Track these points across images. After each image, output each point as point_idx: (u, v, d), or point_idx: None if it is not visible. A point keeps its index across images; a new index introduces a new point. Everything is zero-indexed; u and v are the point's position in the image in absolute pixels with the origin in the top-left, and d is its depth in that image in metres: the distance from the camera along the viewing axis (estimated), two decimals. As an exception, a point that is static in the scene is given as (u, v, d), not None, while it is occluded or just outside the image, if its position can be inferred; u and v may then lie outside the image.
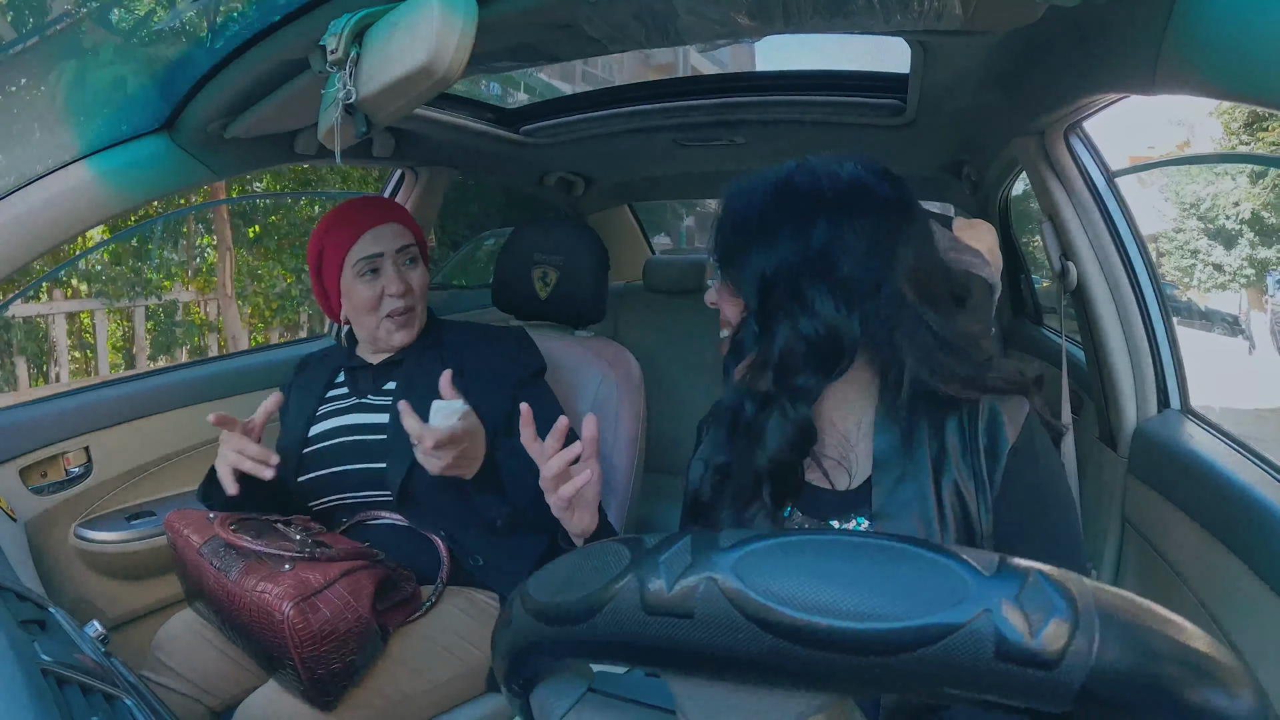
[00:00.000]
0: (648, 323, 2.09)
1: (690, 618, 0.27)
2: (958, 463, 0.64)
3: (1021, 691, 0.24)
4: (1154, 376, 1.08)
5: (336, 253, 1.12)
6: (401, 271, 1.13)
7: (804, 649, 0.26)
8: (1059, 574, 0.26)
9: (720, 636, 0.27)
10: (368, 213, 1.15)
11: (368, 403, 1.14)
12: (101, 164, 0.98)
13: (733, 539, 0.28)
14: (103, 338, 4.09)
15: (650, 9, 0.79)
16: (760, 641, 0.26)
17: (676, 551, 0.29)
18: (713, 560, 0.27)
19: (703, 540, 0.29)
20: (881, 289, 0.65)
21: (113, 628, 1.21)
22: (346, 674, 0.88)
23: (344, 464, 1.10)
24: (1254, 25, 0.51)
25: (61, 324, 3.97)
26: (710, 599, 0.27)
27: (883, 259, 0.65)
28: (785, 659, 0.26)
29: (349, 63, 0.74)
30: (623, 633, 0.29)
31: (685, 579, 0.28)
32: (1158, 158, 6.10)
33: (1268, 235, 5.67)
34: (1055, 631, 0.24)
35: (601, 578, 0.30)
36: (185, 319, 4.47)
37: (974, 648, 0.24)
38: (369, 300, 1.12)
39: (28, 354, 3.91)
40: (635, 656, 0.30)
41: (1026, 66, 0.94)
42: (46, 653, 0.49)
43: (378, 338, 1.15)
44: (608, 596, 0.29)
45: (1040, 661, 0.24)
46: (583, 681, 0.42)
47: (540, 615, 0.33)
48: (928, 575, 0.25)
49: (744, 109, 1.39)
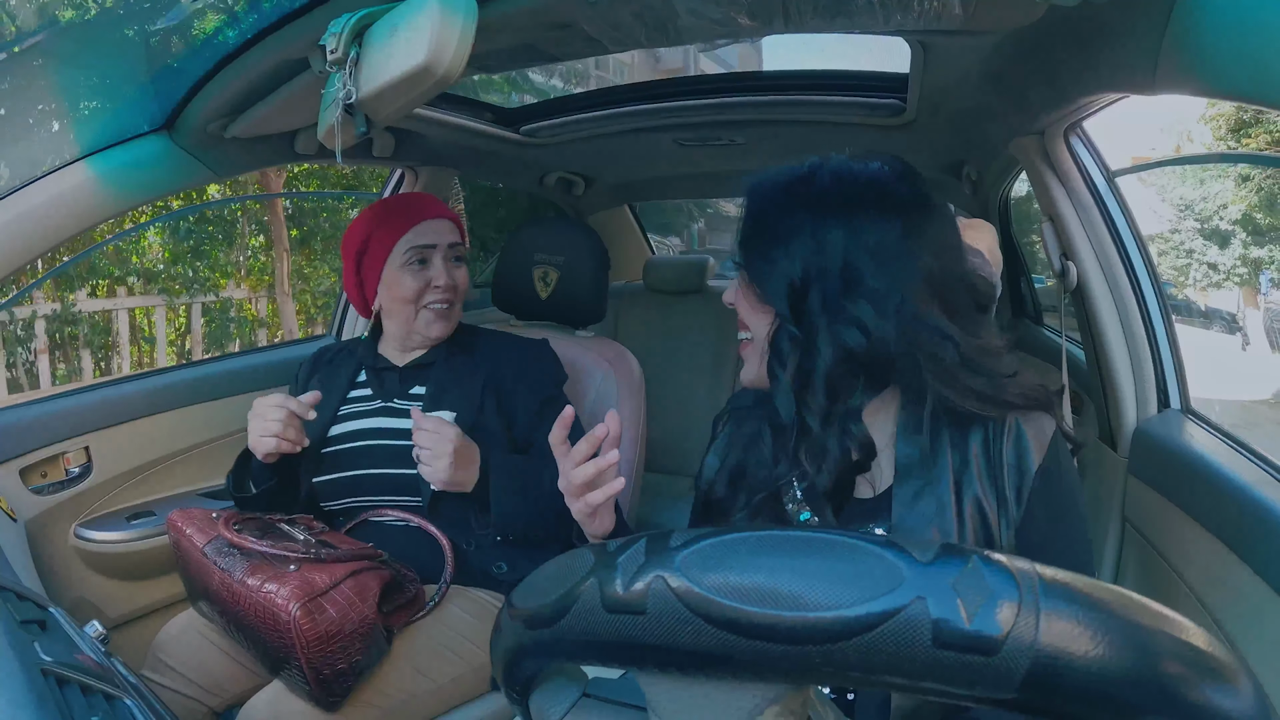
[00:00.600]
0: (648, 323, 2.09)
1: (643, 614, 0.28)
2: (980, 478, 0.64)
3: (965, 679, 0.24)
4: (1154, 376, 1.08)
5: (387, 239, 1.12)
6: (449, 267, 1.13)
7: (746, 640, 0.26)
8: (1002, 559, 0.25)
9: (670, 631, 0.28)
10: (423, 206, 1.15)
11: (394, 406, 1.13)
12: (101, 164, 0.98)
13: (682, 538, 0.29)
14: (162, 332, 4.41)
15: (650, 8, 0.79)
16: (706, 634, 0.27)
17: (632, 553, 0.30)
18: (663, 559, 0.29)
19: (656, 540, 0.30)
20: (904, 300, 0.63)
21: (113, 628, 1.21)
22: (352, 674, 0.88)
23: (367, 468, 1.09)
24: (1254, 25, 0.51)
25: (124, 319, 4.29)
26: (659, 595, 0.28)
27: (902, 267, 0.64)
28: (730, 650, 0.27)
29: (349, 63, 0.74)
30: (587, 632, 0.31)
31: (639, 578, 0.29)
32: (1158, 158, 6.11)
33: (1260, 235, 5.69)
34: (995, 616, 0.24)
35: (569, 580, 0.32)
36: (238, 315, 4.79)
37: (910, 635, 0.24)
38: (414, 290, 1.11)
39: (93, 347, 4.23)
40: (601, 654, 0.32)
41: (1026, 66, 0.94)
42: (46, 653, 0.49)
43: (414, 329, 1.13)
44: (574, 598, 0.31)
45: (980, 647, 0.24)
46: (577, 686, 0.42)
47: (522, 620, 0.34)
48: (866, 565, 0.26)
49: (744, 109, 1.39)
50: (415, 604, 1.00)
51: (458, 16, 0.67)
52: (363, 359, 1.19)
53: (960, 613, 0.24)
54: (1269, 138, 4.93)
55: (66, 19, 1.06)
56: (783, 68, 1.42)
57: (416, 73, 0.68)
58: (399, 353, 1.17)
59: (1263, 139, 4.91)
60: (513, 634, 0.35)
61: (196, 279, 4.57)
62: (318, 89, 0.82)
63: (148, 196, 1.08)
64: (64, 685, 0.46)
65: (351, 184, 4.71)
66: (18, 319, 3.90)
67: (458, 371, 1.13)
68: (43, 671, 0.45)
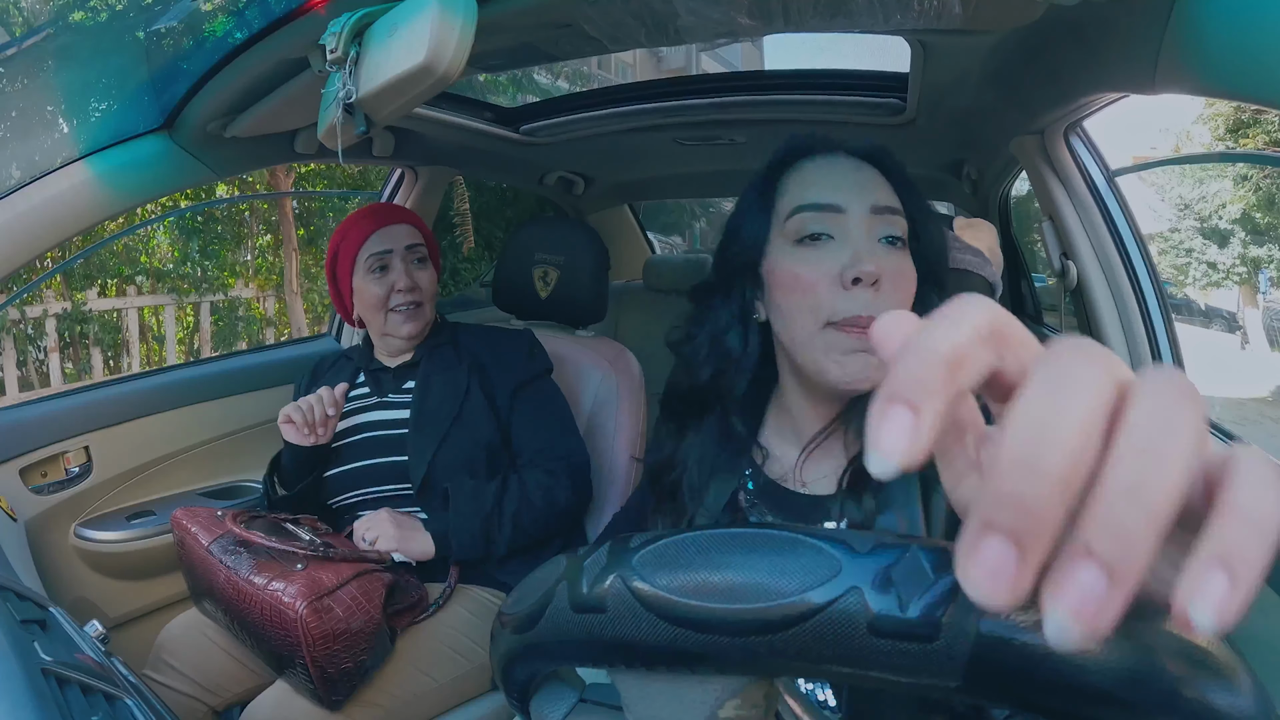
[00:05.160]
0: (648, 322, 2.09)
1: (604, 612, 0.30)
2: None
3: (908, 667, 0.24)
4: (1154, 376, 1.08)
5: (350, 250, 1.16)
6: (410, 269, 1.16)
7: (695, 633, 0.28)
8: (939, 544, 0.25)
9: (628, 628, 0.29)
10: (380, 214, 1.19)
11: (389, 400, 1.17)
12: (101, 164, 0.98)
13: (640, 540, 0.31)
14: (171, 331, 4.44)
15: (650, 8, 0.79)
16: (659, 629, 0.28)
17: (597, 556, 0.32)
18: (621, 559, 0.30)
19: (618, 543, 0.31)
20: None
21: (113, 627, 1.21)
22: (357, 674, 0.89)
23: (365, 459, 1.12)
24: (1254, 25, 0.51)
25: (134, 318, 4.33)
26: (617, 594, 0.30)
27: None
28: (684, 644, 0.28)
29: (349, 62, 0.74)
30: (560, 632, 0.32)
31: (601, 579, 0.30)
32: (1158, 158, 6.12)
33: (1259, 234, 5.70)
34: (930, 601, 0.24)
35: (545, 585, 0.33)
36: (246, 314, 4.84)
37: (845, 625, 0.24)
38: (378, 297, 1.14)
39: (103, 345, 4.27)
40: (574, 654, 0.33)
41: (1026, 66, 0.94)
42: (46, 653, 0.49)
43: (386, 332, 1.17)
44: (547, 600, 0.33)
45: (915, 634, 0.24)
46: (574, 691, 0.42)
47: (509, 625, 0.36)
48: (805, 558, 0.26)
49: (744, 108, 1.39)
50: (419, 606, 1.00)
51: (458, 16, 0.67)
52: (360, 363, 1.23)
53: (896, 601, 0.24)
54: (1267, 138, 4.94)
55: (67, 19, 1.06)
56: (785, 67, 1.41)
57: (416, 72, 0.68)
58: (388, 356, 1.21)
59: (1261, 139, 4.93)
60: (504, 639, 0.37)
61: (205, 278, 4.62)
62: (318, 88, 0.82)
63: (148, 196, 1.08)
64: (64, 685, 0.46)
65: (358, 184, 4.74)
66: (28, 318, 3.94)
67: (443, 363, 1.17)
68: (43, 671, 0.45)
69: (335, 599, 0.86)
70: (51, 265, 3.73)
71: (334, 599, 0.86)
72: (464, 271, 4.56)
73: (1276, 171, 5.09)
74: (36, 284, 3.84)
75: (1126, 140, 1.27)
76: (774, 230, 0.63)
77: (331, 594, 0.86)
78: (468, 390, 1.13)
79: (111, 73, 1.05)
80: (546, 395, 1.18)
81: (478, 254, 4.30)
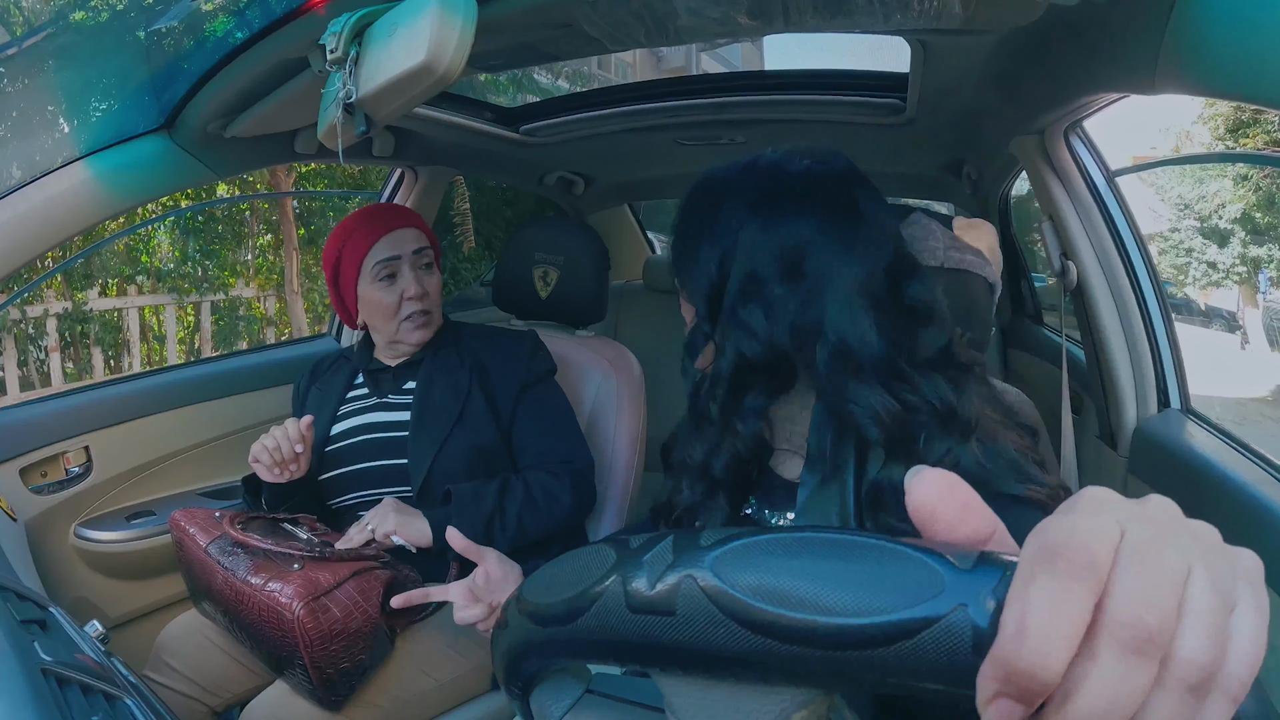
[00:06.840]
0: (648, 322, 2.09)
1: (672, 614, 0.28)
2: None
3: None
4: (1154, 376, 1.08)
5: (355, 257, 1.13)
6: (419, 276, 1.14)
7: (782, 644, 0.26)
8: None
9: (701, 633, 0.27)
10: (385, 217, 1.15)
11: (389, 401, 1.16)
12: (101, 164, 0.98)
13: (713, 538, 0.28)
14: (172, 331, 4.45)
15: (650, 8, 0.79)
16: (739, 637, 0.26)
17: (659, 551, 0.29)
18: (693, 558, 0.28)
19: (684, 539, 0.29)
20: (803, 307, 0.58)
21: (113, 627, 1.21)
22: (355, 674, 0.89)
23: (365, 461, 1.11)
24: (1254, 25, 0.51)
25: (135, 318, 4.33)
26: (690, 596, 0.27)
27: (810, 273, 0.58)
28: (764, 654, 0.26)
29: (349, 62, 0.74)
30: (609, 631, 0.30)
31: (667, 577, 0.28)
32: (1158, 158, 6.12)
33: (1259, 234, 5.70)
34: None
35: (589, 578, 0.31)
36: (247, 314, 4.84)
37: (950, 642, 0.24)
38: (389, 306, 1.12)
39: (103, 345, 4.27)
40: (622, 655, 0.31)
41: (1026, 66, 0.94)
42: (46, 653, 0.49)
43: (397, 339, 1.15)
44: (594, 596, 0.30)
45: None
46: (580, 683, 0.42)
47: (532, 617, 0.33)
48: (905, 570, 0.25)
49: (744, 108, 1.39)
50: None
51: (458, 16, 0.67)
52: (358, 363, 1.21)
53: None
54: (1267, 137, 4.94)
55: (67, 19, 1.06)
56: (785, 67, 1.41)
57: (416, 72, 0.68)
58: (390, 356, 1.20)
59: (1261, 139, 4.92)
60: (521, 629, 0.34)
61: (206, 278, 4.62)
62: (317, 88, 0.81)
63: (147, 196, 1.08)
64: (64, 685, 0.46)
65: (358, 184, 4.74)
66: (29, 317, 3.93)
67: (445, 364, 1.16)
68: (43, 671, 0.45)
69: (332, 599, 0.86)
70: (52, 265, 3.73)
71: (331, 599, 0.86)
72: (464, 271, 4.57)
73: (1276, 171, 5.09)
74: (37, 284, 3.84)
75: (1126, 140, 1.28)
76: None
77: (328, 594, 0.86)
78: (469, 392, 1.12)
79: (112, 72, 1.05)
80: (550, 398, 1.17)
81: (478, 254, 4.31)
